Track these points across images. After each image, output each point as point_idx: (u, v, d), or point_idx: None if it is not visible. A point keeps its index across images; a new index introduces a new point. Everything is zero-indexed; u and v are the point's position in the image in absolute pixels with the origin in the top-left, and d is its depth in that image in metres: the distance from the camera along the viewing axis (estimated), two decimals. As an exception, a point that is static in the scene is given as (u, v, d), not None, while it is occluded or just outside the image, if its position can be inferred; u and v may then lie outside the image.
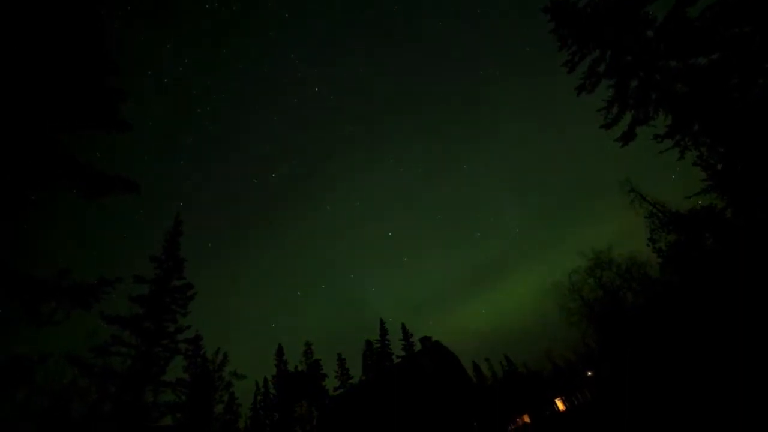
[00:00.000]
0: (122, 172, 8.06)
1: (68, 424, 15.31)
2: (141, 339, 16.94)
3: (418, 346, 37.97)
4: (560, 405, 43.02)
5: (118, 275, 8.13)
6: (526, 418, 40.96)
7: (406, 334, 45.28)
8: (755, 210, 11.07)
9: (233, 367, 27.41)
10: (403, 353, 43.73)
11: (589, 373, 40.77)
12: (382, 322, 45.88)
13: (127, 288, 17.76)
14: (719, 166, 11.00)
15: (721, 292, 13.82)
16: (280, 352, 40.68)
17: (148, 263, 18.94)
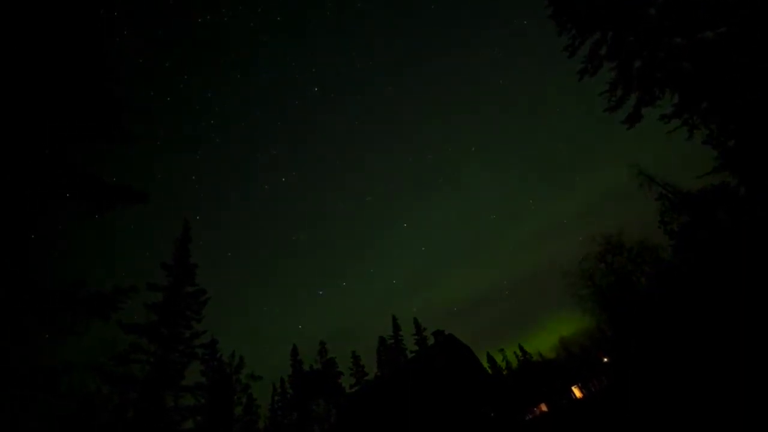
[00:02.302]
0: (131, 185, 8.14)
1: (94, 431, 15.72)
2: (158, 346, 17.27)
3: (431, 340, 38.07)
4: (577, 392, 42.83)
5: (134, 284, 8.27)
6: (543, 407, 40.87)
7: (419, 329, 45.43)
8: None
9: (250, 369, 27.85)
10: (416, 348, 43.91)
11: (605, 359, 40.48)
12: (394, 319, 46.08)
13: (143, 296, 18.10)
14: (731, 143, 10.75)
15: (736, 270, 13.58)
16: (294, 352, 41.11)
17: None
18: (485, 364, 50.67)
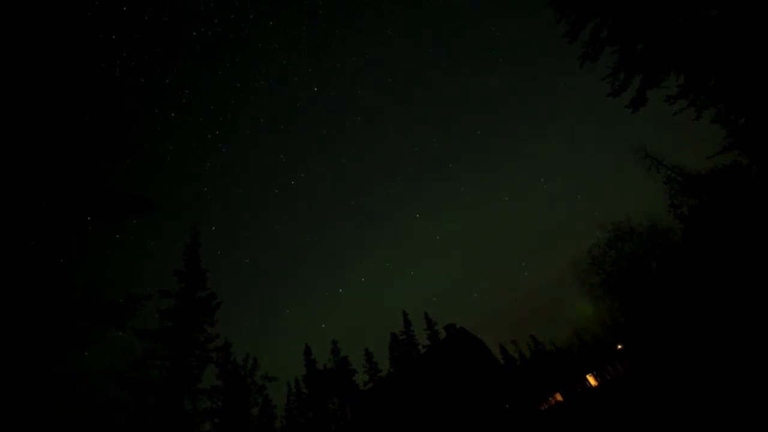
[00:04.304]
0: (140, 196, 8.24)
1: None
2: (173, 351, 17.53)
3: (443, 334, 38.09)
4: (592, 381, 42.56)
5: (149, 292, 8.48)
6: (558, 397, 40.70)
7: (430, 323, 45.49)
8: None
9: (265, 371, 28.21)
10: (428, 342, 44.00)
11: (619, 347, 40.17)
12: (405, 314, 46.18)
13: (157, 303, 18.36)
14: (741, 121, 10.50)
15: (749, 252, 13.35)
16: (307, 352, 41.48)
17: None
18: (498, 356, 50.61)
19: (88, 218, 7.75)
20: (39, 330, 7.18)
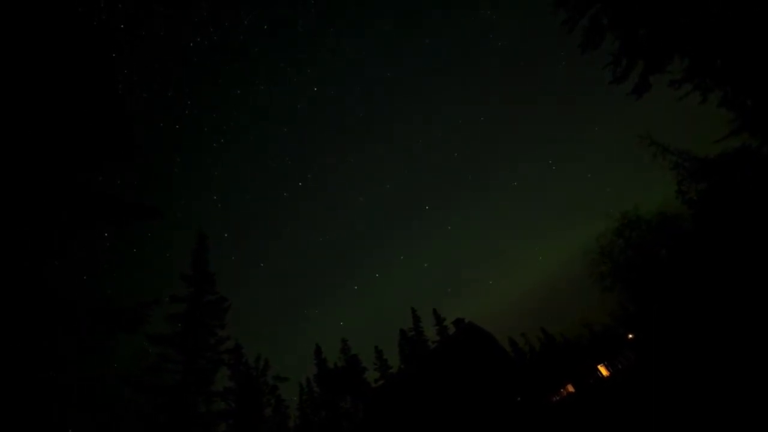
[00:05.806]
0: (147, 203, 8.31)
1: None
2: (185, 354, 17.73)
3: (452, 330, 38.06)
4: (603, 371, 42.34)
5: (158, 297, 8.57)
6: (570, 388, 40.54)
7: (439, 319, 45.50)
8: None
9: (277, 371, 28.47)
10: (437, 338, 44.04)
11: (630, 336, 39.89)
12: (413, 311, 46.24)
13: (169, 308, 18.58)
14: (749, 102, 10.27)
15: (760, 237, 13.15)
16: (317, 351, 41.72)
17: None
18: (508, 349, 50.47)
19: (89, 222, 7.81)
20: (47, 335, 7.30)
